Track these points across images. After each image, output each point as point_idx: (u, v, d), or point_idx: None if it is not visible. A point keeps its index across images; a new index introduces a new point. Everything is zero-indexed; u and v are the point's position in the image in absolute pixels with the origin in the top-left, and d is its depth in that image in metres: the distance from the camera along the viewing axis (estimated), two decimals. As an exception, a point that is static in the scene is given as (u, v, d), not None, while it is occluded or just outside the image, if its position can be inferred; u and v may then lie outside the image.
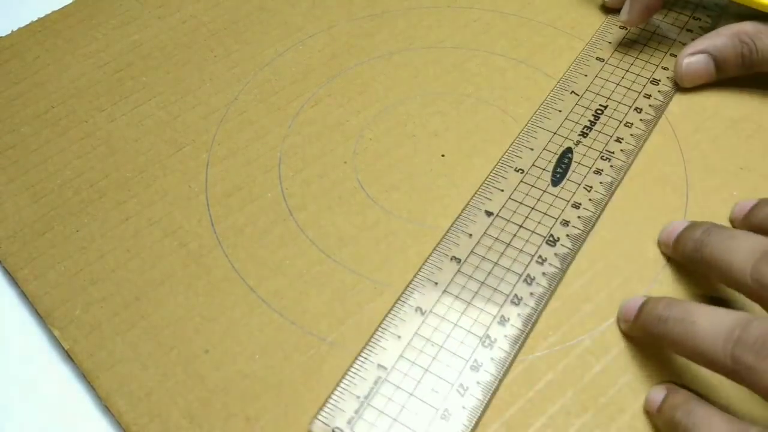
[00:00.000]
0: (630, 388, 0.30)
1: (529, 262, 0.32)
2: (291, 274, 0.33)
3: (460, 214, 0.34)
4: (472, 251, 0.33)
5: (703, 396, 0.29)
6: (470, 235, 0.33)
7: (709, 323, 0.27)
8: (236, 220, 0.35)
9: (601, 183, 0.35)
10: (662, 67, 0.40)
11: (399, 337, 0.30)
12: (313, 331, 0.31)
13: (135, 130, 0.38)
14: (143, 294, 0.32)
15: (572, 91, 0.39)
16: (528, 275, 0.32)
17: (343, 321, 0.32)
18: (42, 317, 0.32)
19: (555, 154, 0.36)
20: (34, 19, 0.43)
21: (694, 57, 0.39)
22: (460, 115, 0.38)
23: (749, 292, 0.28)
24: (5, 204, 0.35)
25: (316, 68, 0.41)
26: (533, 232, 0.33)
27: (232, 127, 0.38)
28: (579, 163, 0.36)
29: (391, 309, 0.31)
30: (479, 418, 0.29)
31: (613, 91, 0.39)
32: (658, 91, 0.39)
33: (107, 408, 0.29)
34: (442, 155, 0.37)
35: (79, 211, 0.35)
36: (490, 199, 0.35)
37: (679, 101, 0.39)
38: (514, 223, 0.34)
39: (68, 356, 0.31)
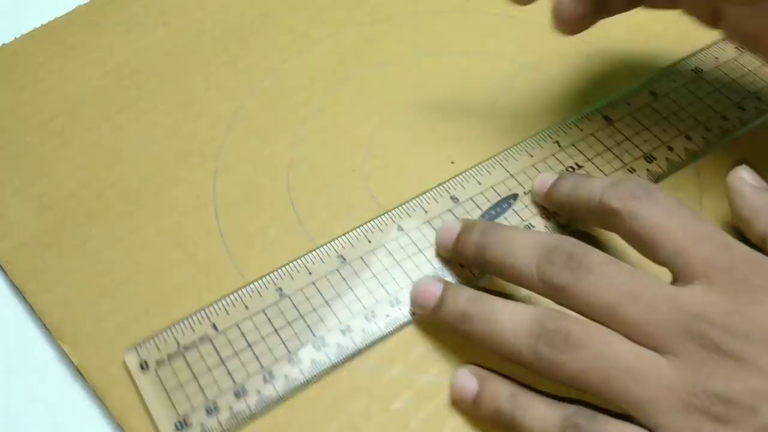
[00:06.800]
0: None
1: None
2: (302, 286, 0.33)
3: (373, 218, 0.34)
4: (365, 253, 0.33)
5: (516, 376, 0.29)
6: (369, 241, 0.33)
7: (511, 322, 0.28)
8: (246, 230, 0.34)
9: None
10: (668, 147, 0.36)
11: (247, 307, 0.31)
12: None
13: (141, 139, 0.38)
14: (153, 307, 0.32)
15: (556, 141, 0.37)
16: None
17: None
18: (51, 332, 0.31)
19: (499, 195, 0.35)
20: (38, 25, 0.42)
21: None
22: (470, 122, 0.38)
23: (539, 291, 0.28)
24: (11, 216, 0.35)
25: (322, 74, 0.40)
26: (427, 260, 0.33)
27: (239, 135, 0.38)
28: (516, 213, 0.34)
29: (255, 280, 0.32)
30: (269, 407, 0.29)
31: (599, 155, 0.36)
32: (647, 170, 0.35)
33: (119, 425, 0.29)
34: (452, 162, 0.37)
35: (86, 222, 0.35)
36: (409, 216, 0.34)
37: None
38: (416, 245, 0.33)
39: (79, 372, 0.30)
